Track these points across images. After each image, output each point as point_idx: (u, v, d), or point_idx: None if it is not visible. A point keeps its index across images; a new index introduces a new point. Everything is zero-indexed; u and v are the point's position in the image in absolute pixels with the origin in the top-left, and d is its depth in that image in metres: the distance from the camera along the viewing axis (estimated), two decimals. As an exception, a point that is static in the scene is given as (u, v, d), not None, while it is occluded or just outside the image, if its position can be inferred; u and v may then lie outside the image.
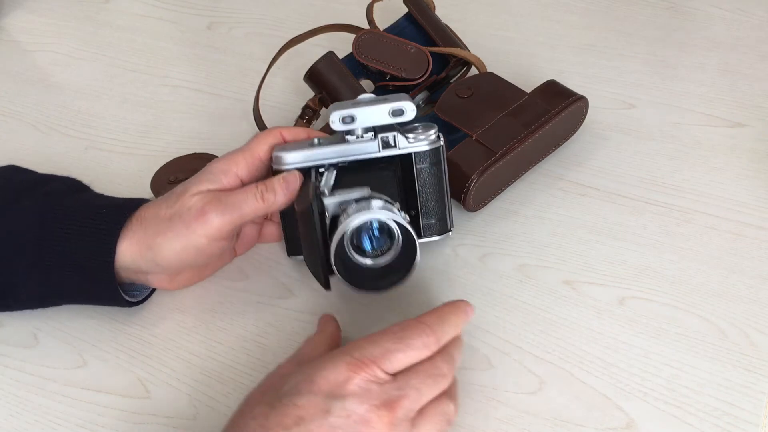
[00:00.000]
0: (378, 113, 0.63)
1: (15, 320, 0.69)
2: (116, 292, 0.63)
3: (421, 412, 0.51)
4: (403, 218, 0.60)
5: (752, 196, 0.71)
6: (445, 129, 0.74)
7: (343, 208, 0.61)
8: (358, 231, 0.61)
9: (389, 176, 0.65)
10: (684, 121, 0.79)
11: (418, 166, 0.65)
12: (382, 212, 0.59)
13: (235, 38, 0.96)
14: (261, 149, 0.65)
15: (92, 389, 0.63)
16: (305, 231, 0.61)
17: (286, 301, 0.68)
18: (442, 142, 0.65)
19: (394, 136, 0.64)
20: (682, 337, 0.62)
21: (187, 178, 0.64)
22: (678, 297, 0.65)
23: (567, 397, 0.60)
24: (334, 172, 0.64)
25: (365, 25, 0.82)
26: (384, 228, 0.61)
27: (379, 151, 0.64)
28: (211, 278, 0.70)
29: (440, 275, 0.68)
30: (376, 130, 0.65)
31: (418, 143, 0.64)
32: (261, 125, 0.81)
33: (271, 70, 0.82)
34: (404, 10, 0.82)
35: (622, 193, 0.73)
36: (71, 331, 0.68)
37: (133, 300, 0.66)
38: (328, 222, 0.61)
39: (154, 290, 0.69)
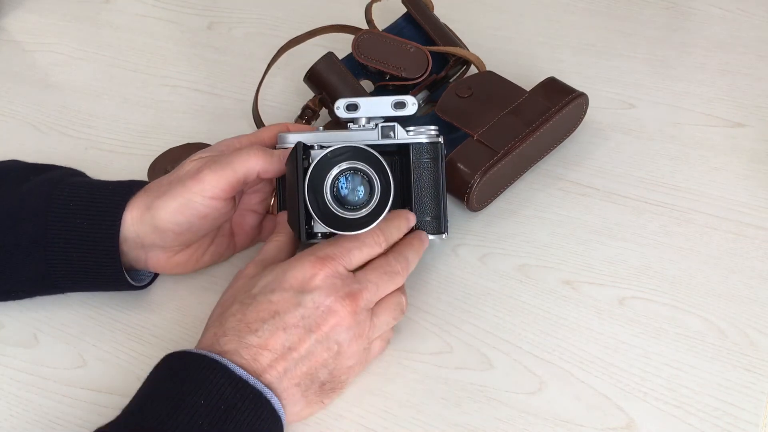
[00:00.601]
0: (381, 104, 0.65)
1: (15, 320, 0.69)
2: (118, 268, 0.63)
3: (379, 303, 0.59)
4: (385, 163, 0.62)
5: (752, 196, 0.71)
6: (445, 129, 0.74)
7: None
8: (336, 180, 0.61)
9: (385, 160, 0.63)
10: (684, 121, 0.79)
11: (415, 159, 0.65)
12: (360, 144, 0.61)
13: (235, 38, 0.96)
14: (266, 134, 0.68)
15: (92, 389, 0.63)
16: (289, 176, 0.63)
17: (286, 301, 0.68)
18: (441, 140, 0.66)
19: (394, 126, 0.66)
20: (682, 337, 0.62)
21: None
22: (678, 297, 0.65)
23: (567, 397, 0.60)
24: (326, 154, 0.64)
25: (364, 26, 0.82)
26: (360, 174, 0.62)
27: (379, 139, 0.65)
28: (212, 279, 0.70)
29: (440, 275, 0.68)
30: (378, 122, 0.66)
31: (418, 136, 0.65)
32: (260, 125, 0.80)
33: (270, 71, 0.82)
34: (403, 10, 0.82)
35: (622, 193, 0.73)
36: (71, 331, 0.68)
37: (135, 284, 0.66)
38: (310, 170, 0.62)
39: (155, 277, 0.69)
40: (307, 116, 0.78)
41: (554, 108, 0.73)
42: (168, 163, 0.77)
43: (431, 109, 0.78)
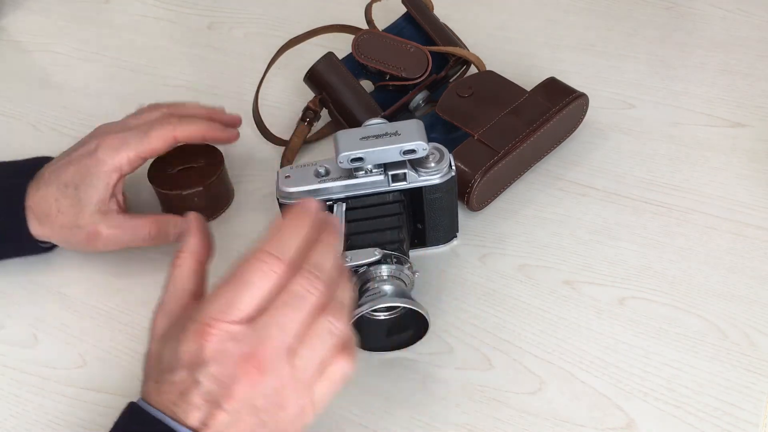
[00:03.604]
0: (388, 154, 0.61)
1: (15, 320, 0.69)
2: (22, 223, 0.67)
3: (300, 339, 0.48)
4: (413, 281, 0.62)
5: (752, 196, 0.71)
6: (445, 128, 0.75)
7: (353, 270, 0.60)
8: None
9: (398, 219, 0.63)
10: (684, 121, 0.79)
11: (428, 197, 0.65)
12: (395, 300, 0.58)
13: (235, 38, 0.96)
14: (157, 146, 0.68)
15: (92, 389, 0.63)
16: None
17: (286, 301, 0.68)
18: (453, 172, 0.64)
19: (405, 173, 0.63)
20: (682, 337, 0.62)
21: (184, 165, 0.73)
22: (678, 297, 0.65)
23: (567, 397, 0.60)
24: (343, 211, 0.63)
25: (364, 26, 0.82)
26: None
27: (389, 185, 0.64)
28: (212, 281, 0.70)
29: (440, 275, 0.68)
30: (386, 165, 0.63)
31: (430, 177, 0.63)
32: (261, 125, 0.81)
33: (270, 70, 0.82)
34: (403, 10, 0.82)
35: (622, 193, 0.73)
36: (71, 331, 0.68)
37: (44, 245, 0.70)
38: None
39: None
40: (308, 117, 0.78)
41: (554, 108, 0.73)
42: (168, 164, 0.77)
43: (431, 108, 0.78)
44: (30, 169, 0.69)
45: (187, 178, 0.73)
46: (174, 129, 0.68)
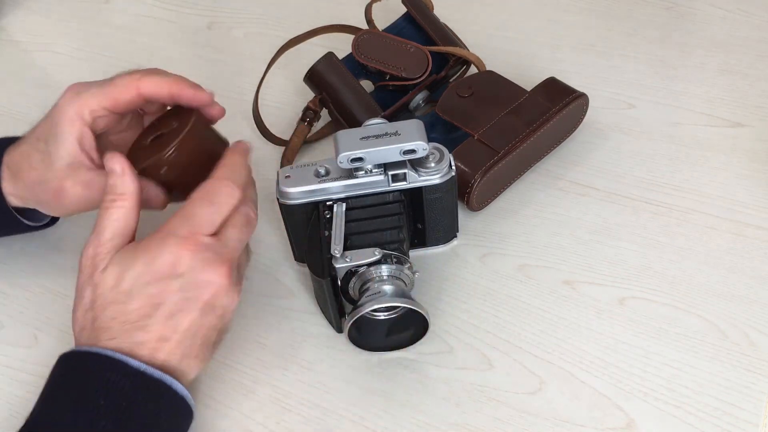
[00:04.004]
0: (388, 154, 0.61)
1: (15, 320, 0.69)
2: (9, 213, 0.65)
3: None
4: (413, 281, 0.62)
5: (752, 196, 0.71)
6: (446, 128, 0.75)
7: (353, 270, 0.61)
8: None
9: (398, 219, 0.63)
10: (684, 121, 0.79)
11: (428, 197, 0.65)
12: (395, 300, 0.59)
13: (235, 38, 0.96)
14: (119, 95, 0.62)
15: (92, 389, 0.63)
16: (318, 290, 0.64)
17: (286, 301, 0.68)
18: (453, 172, 0.65)
19: (405, 173, 0.63)
20: (682, 337, 0.62)
21: (155, 134, 0.63)
22: (678, 297, 0.65)
23: (567, 397, 0.60)
24: (343, 211, 0.63)
25: (364, 26, 0.82)
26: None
27: (389, 185, 0.64)
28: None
29: (440, 275, 0.68)
30: (386, 165, 0.63)
31: (430, 177, 0.64)
32: (261, 125, 0.81)
33: (270, 70, 0.82)
34: (403, 10, 0.82)
35: (622, 193, 0.73)
36: (71, 331, 0.67)
37: (32, 223, 0.69)
38: (339, 279, 0.61)
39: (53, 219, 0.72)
40: (308, 117, 0.78)
41: (554, 108, 0.73)
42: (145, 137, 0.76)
43: (431, 108, 0.78)
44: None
45: (159, 146, 0.61)
46: (138, 79, 0.61)
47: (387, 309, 0.61)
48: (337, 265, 0.60)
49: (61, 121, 0.62)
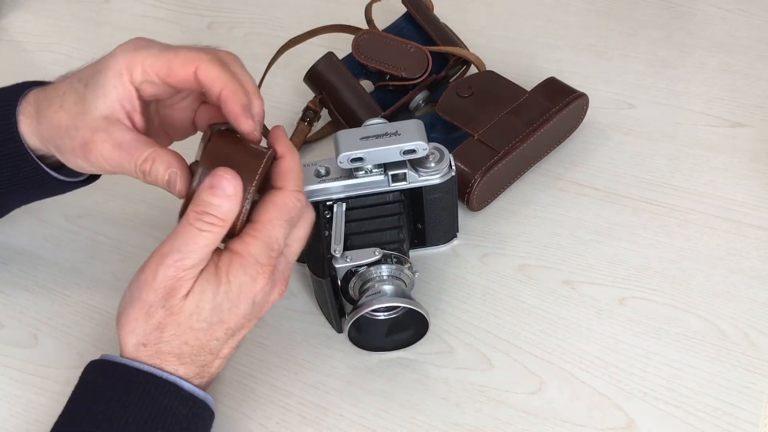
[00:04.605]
0: (388, 154, 0.61)
1: (15, 320, 0.69)
2: (38, 168, 0.59)
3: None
4: (413, 281, 0.62)
5: (752, 196, 0.71)
6: (446, 128, 0.75)
7: (354, 270, 0.61)
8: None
9: (398, 219, 0.64)
10: (684, 121, 0.79)
11: (428, 197, 0.65)
12: (395, 300, 0.59)
13: (235, 38, 0.96)
14: (178, 65, 0.55)
15: (92, 389, 0.63)
16: (318, 290, 0.64)
17: (286, 301, 0.68)
18: (453, 172, 0.65)
19: (405, 173, 0.63)
20: (682, 337, 0.62)
21: None
22: (678, 297, 0.65)
23: (567, 397, 0.60)
24: (343, 211, 0.63)
25: (364, 26, 0.82)
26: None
27: (389, 185, 0.64)
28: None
29: (440, 275, 0.68)
30: (386, 165, 0.63)
31: (430, 177, 0.64)
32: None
33: (270, 71, 0.82)
34: (403, 10, 0.82)
35: (622, 193, 0.73)
36: (71, 331, 0.68)
37: (67, 179, 0.61)
38: (339, 279, 0.62)
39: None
40: (308, 117, 0.78)
41: (554, 108, 0.73)
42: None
43: (431, 108, 0.78)
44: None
45: None
46: (202, 60, 0.54)
47: (387, 309, 0.61)
48: (337, 265, 0.60)
49: (108, 69, 0.55)
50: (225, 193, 0.50)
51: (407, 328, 0.62)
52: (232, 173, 0.50)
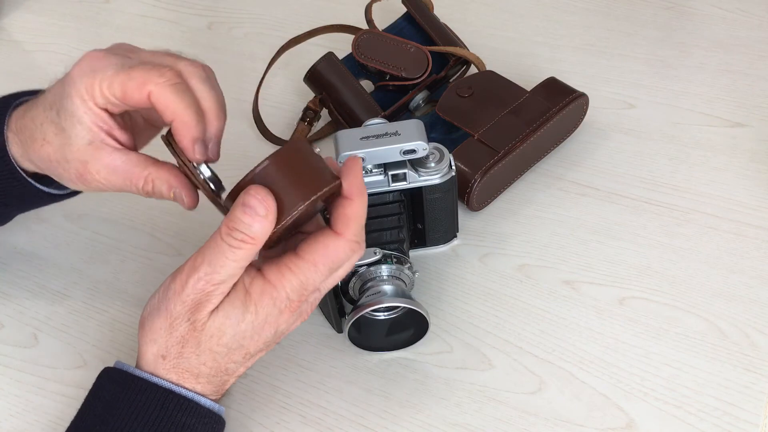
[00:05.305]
0: (388, 154, 0.61)
1: (15, 320, 0.69)
2: (27, 184, 0.58)
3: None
4: (413, 281, 0.62)
5: (752, 196, 0.71)
6: (446, 128, 0.75)
7: (353, 270, 0.61)
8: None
9: (398, 219, 0.64)
10: (684, 121, 0.79)
11: (428, 197, 0.65)
12: (395, 300, 0.59)
13: (235, 38, 0.96)
14: (131, 90, 0.52)
15: (92, 389, 0.63)
16: None
17: (286, 301, 0.68)
18: (453, 172, 0.65)
19: (405, 173, 0.63)
20: (682, 337, 0.62)
21: None
22: (678, 297, 0.65)
23: (567, 397, 0.60)
24: None
25: (364, 26, 0.82)
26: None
27: (389, 185, 0.64)
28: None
29: (440, 275, 0.68)
30: (386, 165, 0.63)
31: (430, 177, 0.64)
32: (261, 125, 0.81)
33: (270, 71, 0.82)
34: (403, 10, 0.82)
35: (622, 193, 0.73)
36: (71, 331, 0.68)
37: (55, 191, 0.61)
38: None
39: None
40: (308, 117, 0.78)
41: (555, 108, 0.73)
42: None
43: (431, 109, 0.78)
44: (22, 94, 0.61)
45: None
46: (155, 84, 0.52)
47: (387, 309, 0.61)
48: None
49: (72, 96, 0.54)
50: (256, 212, 0.48)
51: (407, 328, 0.62)
52: (264, 193, 0.48)
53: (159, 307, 0.52)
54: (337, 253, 0.51)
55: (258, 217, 0.48)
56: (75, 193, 0.63)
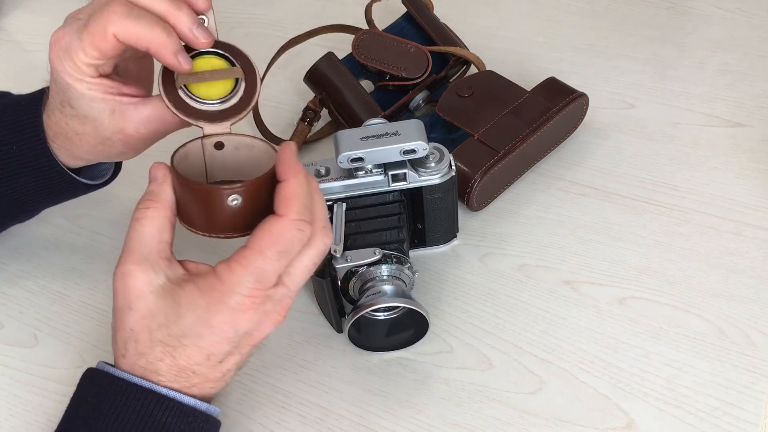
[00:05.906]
0: (388, 154, 0.61)
1: (15, 320, 0.69)
2: (67, 176, 0.60)
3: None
4: (413, 281, 0.62)
5: (752, 196, 0.71)
6: (446, 128, 0.75)
7: (354, 270, 0.61)
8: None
9: (398, 219, 0.64)
10: (684, 121, 0.79)
11: (428, 197, 0.65)
12: (395, 300, 0.59)
13: (235, 38, 0.96)
14: (99, 46, 0.53)
15: (92, 389, 0.63)
16: (318, 290, 0.63)
17: (286, 301, 0.68)
18: (453, 172, 0.65)
19: (405, 173, 0.63)
20: (682, 337, 0.62)
21: None
22: (678, 297, 0.65)
23: (567, 397, 0.60)
24: (343, 211, 0.63)
25: (364, 26, 0.82)
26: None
27: (389, 185, 0.64)
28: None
29: (440, 275, 0.68)
30: (386, 165, 0.63)
31: (430, 177, 0.64)
32: (261, 125, 0.81)
33: (270, 71, 0.82)
34: (403, 10, 0.82)
35: (622, 193, 0.73)
36: (71, 331, 0.68)
37: (92, 182, 0.64)
38: (339, 279, 0.62)
39: (117, 170, 0.66)
40: (308, 117, 0.78)
41: (555, 108, 0.73)
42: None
43: (431, 109, 0.78)
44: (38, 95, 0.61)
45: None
46: (113, 22, 0.52)
47: (387, 309, 0.61)
48: (337, 265, 0.60)
49: (68, 84, 0.55)
50: (155, 180, 0.52)
51: (407, 328, 0.62)
52: (162, 165, 0.53)
53: (113, 311, 0.53)
54: (282, 234, 0.49)
55: (156, 183, 0.52)
56: (110, 180, 0.66)
